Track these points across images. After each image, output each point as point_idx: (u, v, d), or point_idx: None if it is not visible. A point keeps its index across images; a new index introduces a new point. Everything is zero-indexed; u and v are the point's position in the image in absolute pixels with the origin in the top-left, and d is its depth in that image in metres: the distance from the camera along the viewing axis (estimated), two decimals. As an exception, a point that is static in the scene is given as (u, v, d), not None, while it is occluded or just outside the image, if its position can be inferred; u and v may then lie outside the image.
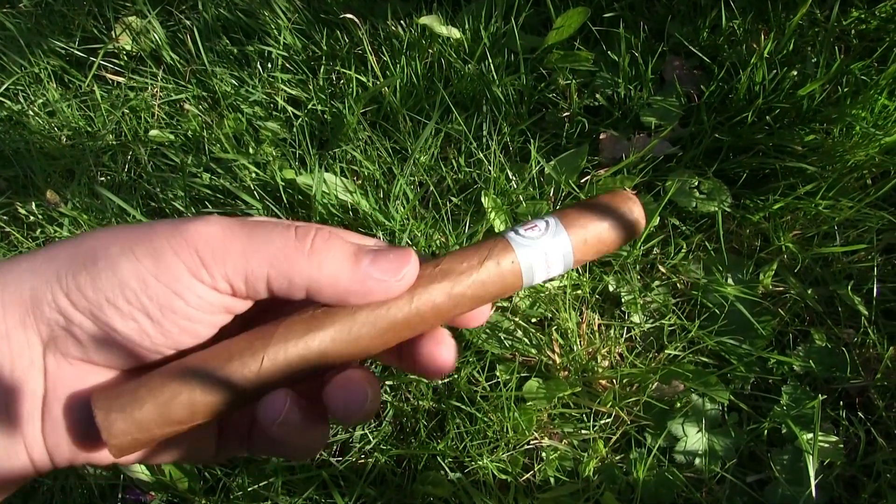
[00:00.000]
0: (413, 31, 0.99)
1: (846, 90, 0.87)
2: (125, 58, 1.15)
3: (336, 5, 1.07)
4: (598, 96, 0.96)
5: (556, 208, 0.36)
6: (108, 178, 1.06)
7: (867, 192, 0.83)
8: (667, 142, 0.91)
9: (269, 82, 1.05)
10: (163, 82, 1.11)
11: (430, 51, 0.99)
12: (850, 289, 0.81)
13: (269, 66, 1.07)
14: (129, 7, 1.18)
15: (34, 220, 1.04)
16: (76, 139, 1.10)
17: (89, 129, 1.11)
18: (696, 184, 0.87)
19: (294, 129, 0.99)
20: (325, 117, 1.01)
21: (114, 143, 1.08)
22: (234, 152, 0.99)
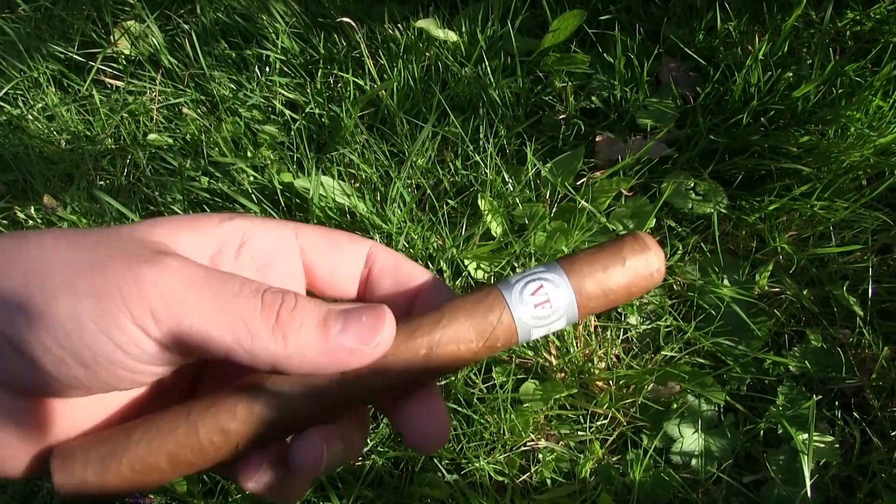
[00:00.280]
0: (410, 35, 1.00)
1: (841, 91, 0.87)
2: (124, 62, 1.16)
3: (333, 9, 1.07)
4: (594, 98, 0.96)
5: (564, 255, 0.34)
6: (107, 181, 1.06)
7: (862, 193, 0.83)
8: (663, 143, 0.92)
9: (267, 86, 1.06)
10: (161, 86, 1.11)
11: (427, 54, 1.00)
12: (845, 289, 0.81)
13: (267, 69, 1.07)
14: (128, 11, 1.19)
15: (33, 224, 1.04)
16: (75, 143, 1.10)
17: (88, 133, 1.11)
18: (692, 185, 0.88)
19: (292, 133, 0.99)
20: (323, 121, 1.02)
21: (112, 147, 1.09)
22: (233, 156, 0.99)
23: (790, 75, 0.89)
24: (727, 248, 0.87)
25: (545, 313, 0.32)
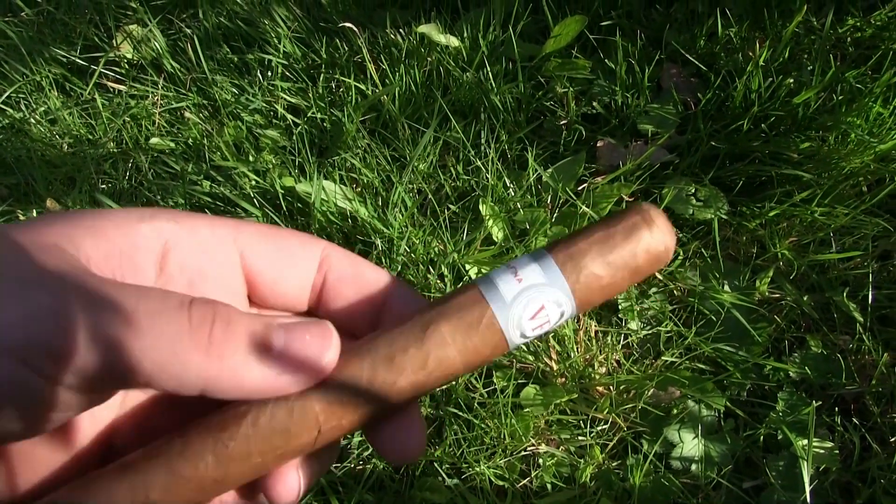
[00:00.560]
0: (412, 40, 1.00)
1: (841, 98, 0.88)
2: (126, 66, 1.16)
3: (335, 14, 1.07)
4: (595, 104, 0.96)
5: (555, 240, 0.30)
6: (109, 185, 1.06)
7: (863, 199, 0.84)
8: (664, 149, 0.92)
9: (269, 90, 1.06)
10: (163, 90, 1.11)
11: (429, 59, 1.00)
12: (845, 295, 0.81)
13: (269, 74, 1.08)
14: (130, 16, 1.19)
15: (36, 227, 1.04)
16: (77, 147, 1.11)
17: (90, 136, 1.12)
18: (692, 191, 0.88)
19: (293, 137, 1.00)
20: (325, 125, 1.02)
21: (115, 150, 1.09)
22: (234, 160, 0.99)
23: (791, 81, 0.89)
24: (728, 253, 0.87)
25: (539, 333, 0.28)
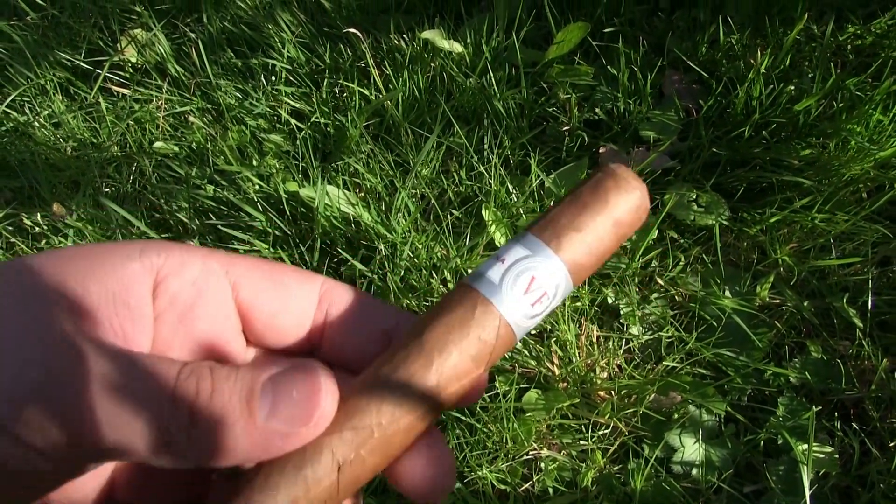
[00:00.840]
0: (415, 46, 1.01)
1: (842, 105, 0.88)
2: (130, 70, 1.16)
3: (339, 19, 1.08)
4: (597, 110, 0.97)
5: (538, 220, 0.30)
6: (113, 189, 1.07)
7: (863, 206, 0.84)
8: (665, 155, 0.93)
9: (273, 95, 1.07)
10: (167, 94, 1.12)
11: (432, 65, 1.01)
12: (845, 301, 0.82)
13: (273, 79, 1.08)
14: (135, 20, 1.20)
15: (39, 230, 1.05)
16: (81, 150, 1.11)
17: (94, 140, 1.12)
18: (694, 197, 0.89)
19: (297, 142, 1.00)
20: (328, 130, 1.03)
21: (119, 154, 1.09)
22: (238, 164, 1.00)
23: (792, 89, 0.90)
24: (728, 259, 0.88)
25: (541, 308, 0.28)
